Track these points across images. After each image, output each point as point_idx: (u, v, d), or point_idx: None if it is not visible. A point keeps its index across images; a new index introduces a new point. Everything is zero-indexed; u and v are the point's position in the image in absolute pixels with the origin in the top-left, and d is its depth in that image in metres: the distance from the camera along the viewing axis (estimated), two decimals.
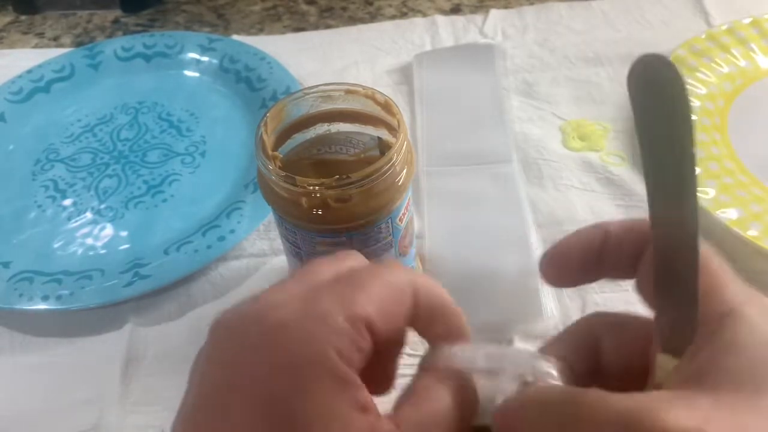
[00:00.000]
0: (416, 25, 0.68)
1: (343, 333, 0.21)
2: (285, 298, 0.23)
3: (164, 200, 0.53)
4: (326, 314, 0.22)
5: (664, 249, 0.23)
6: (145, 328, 0.45)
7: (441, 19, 0.68)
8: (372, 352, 0.22)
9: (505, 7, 0.70)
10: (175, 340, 0.44)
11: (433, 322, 0.26)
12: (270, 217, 0.49)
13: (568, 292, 0.44)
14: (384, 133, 0.38)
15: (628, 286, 0.44)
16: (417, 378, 0.25)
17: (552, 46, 0.64)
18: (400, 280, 0.24)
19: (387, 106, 0.37)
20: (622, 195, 0.50)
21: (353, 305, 0.22)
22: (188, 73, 0.64)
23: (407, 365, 0.41)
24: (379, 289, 0.23)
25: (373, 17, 0.71)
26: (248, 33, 0.70)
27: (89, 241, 0.50)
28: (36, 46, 0.71)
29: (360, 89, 0.37)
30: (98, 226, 0.51)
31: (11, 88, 0.62)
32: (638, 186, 0.50)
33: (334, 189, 0.33)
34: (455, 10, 0.71)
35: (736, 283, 0.23)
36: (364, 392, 0.22)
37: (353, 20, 0.71)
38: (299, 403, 0.20)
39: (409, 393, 0.24)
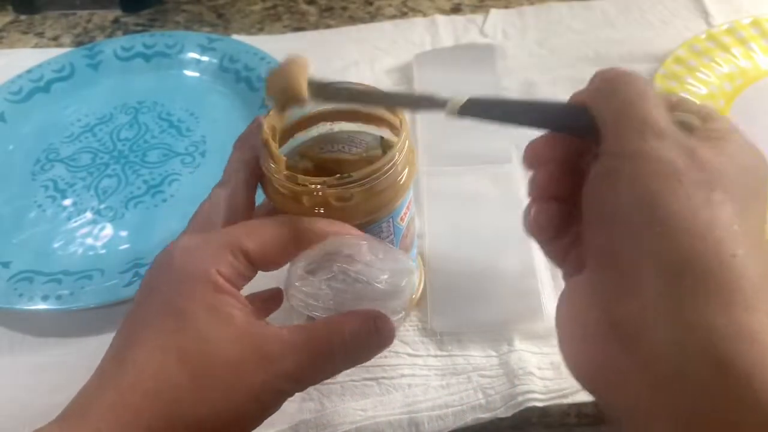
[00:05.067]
0: (416, 24, 0.68)
1: (223, 258, 0.30)
2: (188, 237, 0.32)
3: (164, 200, 0.53)
4: (213, 244, 0.30)
5: None
6: None
7: (441, 19, 0.68)
8: (252, 273, 0.31)
9: (506, 6, 0.70)
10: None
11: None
12: None
13: None
14: (386, 133, 0.38)
15: None
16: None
17: (552, 46, 0.64)
18: (280, 227, 0.32)
19: None
20: None
21: (235, 240, 0.30)
22: (188, 72, 0.64)
23: (408, 365, 0.41)
24: (260, 229, 0.31)
25: (373, 17, 0.71)
26: (248, 33, 0.70)
27: (89, 241, 0.50)
28: (36, 46, 0.71)
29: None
30: (98, 226, 0.51)
31: (11, 87, 0.62)
32: None
33: (335, 188, 0.33)
34: (455, 9, 0.71)
35: None
36: (240, 297, 0.30)
37: (353, 20, 0.71)
38: (187, 304, 0.28)
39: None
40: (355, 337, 0.30)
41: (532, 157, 0.32)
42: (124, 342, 0.29)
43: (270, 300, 0.38)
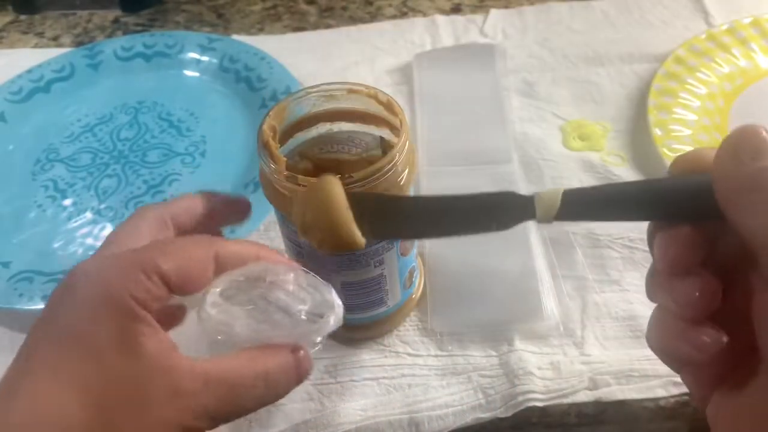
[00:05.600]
0: (416, 24, 0.68)
1: (138, 282, 0.27)
2: (93, 258, 0.29)
3: (164, 200, 0.53)
4: (124, 264, 0.27)
5: None
6: None
7: (441, 19, 0.68)
8: (168, 296, 0.28)
9: (506, 6, 0.70)
10: (174, 341, 0.44)
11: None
12: (270, 216, 0.49)
13: (568, 292, 0.44)
14: (386, 133, 0.38)
15: (629, 285, 0.44)
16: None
17: (552, 46, 0.64)
18: (199, 246, 0.29)
19: (389, 106, 0.37)
20: None
21: (150, 261, 0.27)
22: (188, 72, 0.64)
23: (408, 365, 0.41)
24: (178, 252, 0.28)
25: (373, 17, 0.71)
26: (248, 33, 0.70)
27: (89, 241, 0.50)
28: (36, 46, 0.71)
29: (362, 88, 0.37)
30: (98, 226, 0.51)
31: (11, 87, 0.62)
32: None
33: None
34: (455, 9, 0.71)
35: None
36: (151, 323, 0.27)
37: (353, 20, 0.71)
38: (93, 331, 0.26)
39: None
40: (275, 374, 0.28)
41: (672, 268, 0.24)
42: (22, 367, 0.26)
43: (173, 315, 0.34)
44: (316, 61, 0.65)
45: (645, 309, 0.42)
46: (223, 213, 0.36)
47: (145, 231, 0.31)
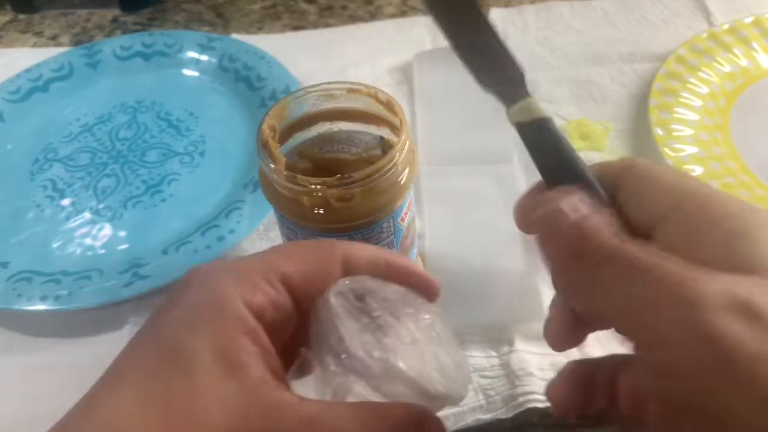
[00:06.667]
0: (416, 23, 0.68)
1: (256, 285, 0.24)
2: (213, 263, 0.26)
3: (163, 200, 0.53)
4: (240, 271, 0.24)
5: None
6: None
7: None
8: (292, 305, 0.25)
9: (506, 5, 0.69)
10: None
11: (385, 276, 0.27)
12: (269, 216, 0.48)
13: None
14: (386, 132, 0.38)
15: None
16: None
17: (553, 46, 0.64)
18: (323, 248, 0.26)
19: (389, 105, 0.37)
20: None
21: (270, 264, 0.24)
22: (187, 72, 0.64)
23: None
24: (301, 255, 0.26)
25: (373, 16, 0.71)
26: (247, 32, 0.70)
27: (88, 241, 0.50)
28: (34, 46, 0.71)
29: (362, 88, 0.37)
30: (97, 226, 0.51)
31: (9, 87, 0.62)
32: None
33: (335, 188, 0.33)
34: None
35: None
36: (263, 341, 0.23)
37: (353, 19, 0.71)
38: (193, 342, 0.22)
39: None
40: None
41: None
42: (105, 378, 0.24)
43: (291, 351, 0.27)
44: (316, 61, 0.65)
45: None
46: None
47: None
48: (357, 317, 0.24)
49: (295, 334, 0.26)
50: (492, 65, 0.27)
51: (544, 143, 0.27)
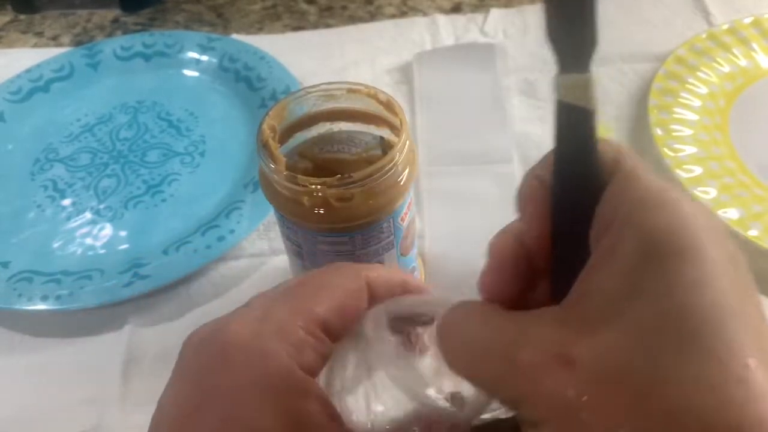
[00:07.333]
0: (416, 24, 0.68)
1: (303, 343, 0.22)
2: (243, 319, 0.23)
3: (163, 200, 0.53)
4: (282, 329, 0.22)
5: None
6: (144, 328, 0.45)
7: (441, 18, 0.68)
8: (330, 354, 0.23)
9: (506, 6, 0.69)
10: (174, 341, 0.43)
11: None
12: (270, 216, 0.49)
13: None
14: (386, 133, 0.38)
15: None
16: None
17: None
18: (349, 277, 0.25)
19: (389, 105, 0.37)
20: None
21: (307, 313, 0.23)
22: (188, 72, 0.64)
23: None
24: (330, 291, 0.24)
25: (373, 16, 0.71)
26: (248, 32, 0.70)
27: (88, 241, 0.50)
28: (35, 46, 0.71)
29: (362, 88, 0.37)
30: (97, 226, 0.51)
31: (10, 87, 0.62)
32: None
33: (335, 188, 0.33)
34: (456, 9, 0.70)
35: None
36: (320, 394, 0.22)
37: (353, 19, 0.71)
38: (263, 419, 0.20)
39: None
40: None
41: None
42: None
43: None
44: (316, 61, 0.65)
45: None
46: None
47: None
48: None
49: None
50: (571, 21, 0.23)
51: (575, 136, 0.24)
